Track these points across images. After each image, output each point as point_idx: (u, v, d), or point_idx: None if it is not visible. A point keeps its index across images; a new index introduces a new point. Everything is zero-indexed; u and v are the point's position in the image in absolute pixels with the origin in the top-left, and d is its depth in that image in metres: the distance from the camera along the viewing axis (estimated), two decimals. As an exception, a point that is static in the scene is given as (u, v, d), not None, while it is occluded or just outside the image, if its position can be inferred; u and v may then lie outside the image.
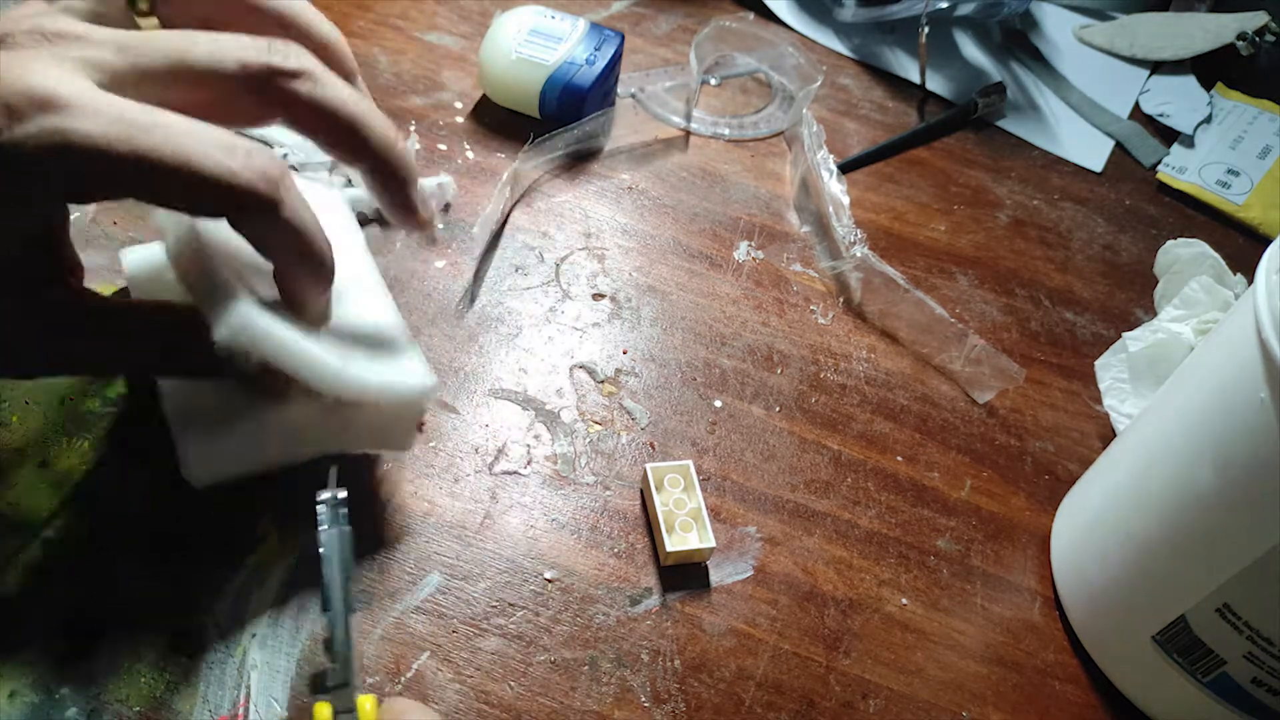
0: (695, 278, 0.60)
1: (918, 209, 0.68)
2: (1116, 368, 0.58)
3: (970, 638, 0.48)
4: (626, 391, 0.53)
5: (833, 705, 0.44)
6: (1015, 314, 0.63)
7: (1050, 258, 0.68)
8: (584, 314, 0.57)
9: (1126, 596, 0.45)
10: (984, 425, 0.57)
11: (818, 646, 0.46)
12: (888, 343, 0.59)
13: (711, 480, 0.51)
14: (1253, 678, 0.41)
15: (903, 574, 0.49)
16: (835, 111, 0.75)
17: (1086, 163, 0.76)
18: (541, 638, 0.43)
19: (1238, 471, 0.38)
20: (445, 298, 0.55)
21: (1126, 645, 0.46)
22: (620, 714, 0.42)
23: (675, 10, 0.79)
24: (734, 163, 0.68)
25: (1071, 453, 0.56)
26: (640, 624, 0.45)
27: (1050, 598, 0.50)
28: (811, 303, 0.60)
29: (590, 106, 0.64)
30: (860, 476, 0.53)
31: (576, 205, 0.62)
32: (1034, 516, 0.53)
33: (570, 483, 0.49)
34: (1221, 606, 0.40)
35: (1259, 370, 0.37)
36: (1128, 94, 0.82)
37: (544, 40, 0.64)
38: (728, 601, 0.46)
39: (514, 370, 0.53)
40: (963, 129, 0.76)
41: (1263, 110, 0.82)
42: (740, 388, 0.55)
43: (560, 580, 0.45)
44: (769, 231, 0.64)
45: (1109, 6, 0.92)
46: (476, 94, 0.67)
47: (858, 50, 0.80)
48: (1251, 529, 0.38)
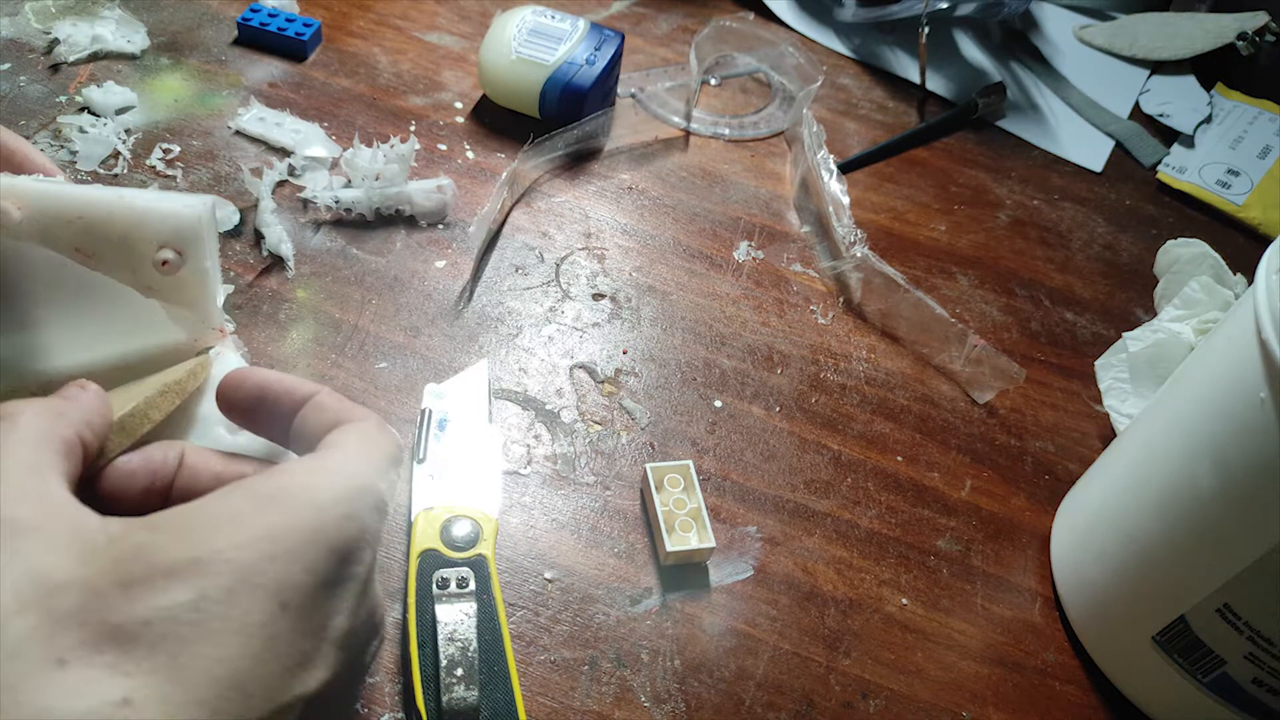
0: (695, 278, 0.60)
1: (918, 209, 0.68)
2: (1116, 368, 0.58)
3: (970, 638, 0.48)
4: (626, 391, 0.53)
5: (833, 705, 0.44)
6: (1015, 314, 0.63)
7: (1050, 258, 0.68)
8: (584, 314, 0.57)
9: (1126, 596, 0.45)
10: (984, 425, 0.57)
11: (818, 646, 0.46)
12: (888, 343, 0.59)
13: (711, 480, 0.51)
14: (1253, 678, 0.41)
15: (903, 574, 0.49)
16: (835, 111, 0.75)
17: (1086, 163, 0.76)
18: (541, 637, 0.43)
19: (1238, 471, 0.38)
20: (445, 298, 0.55)
21: (1126, 645, 0.46)
22: (620, 714, 0.42)
23: (675, 10, 0.79)
24: (734, 163, 0.68)
25: (1071, 453, 0.56)
26: (640, 624, 0.45)
27: (1050, 598, 0.50)
28: (811, 303, 0.60)
29: (590, 106, 0.64)
30: (860, 476, 0.53)
31: (576, 205, 0.62)
32: (1034, 516, 0.53)
33: (570, 483, 0.49)
34: (1221, 606, 0.40)
35: (1259, 370, 0.37)
36: (1128, 94, 0.82)
37: (544, 40, 0.64)
38: (728, 601, 0.46)
39: (514, 370, 0.53)
40: (963, 129, 0.76)
41: (1263, 110, 0.82)
42: (740, 388, 0.55)
43: (560, 580, 0.45)
44: (769, 231, 0.64)
45: (1109, 6, 0.92)
46: (476, 94, 0.67)
47: (858, 50, 0.80)
48: (1251, 529, 0.38)
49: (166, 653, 0.23)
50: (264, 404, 0.32)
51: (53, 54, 0.62)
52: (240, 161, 0.59)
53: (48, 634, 0.23)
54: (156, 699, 0.23)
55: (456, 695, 0.38)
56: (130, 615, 0.23)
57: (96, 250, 0.35)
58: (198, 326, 0.38)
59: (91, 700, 0.22)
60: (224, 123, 0.61)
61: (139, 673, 0.23)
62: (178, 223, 0.36)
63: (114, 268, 0.36)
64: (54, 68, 0.62)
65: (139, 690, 0.22)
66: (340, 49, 0.68)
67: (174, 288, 0.37)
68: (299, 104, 0.63)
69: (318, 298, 0.54)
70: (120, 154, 0.58)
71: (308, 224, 0.57)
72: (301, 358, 0.51)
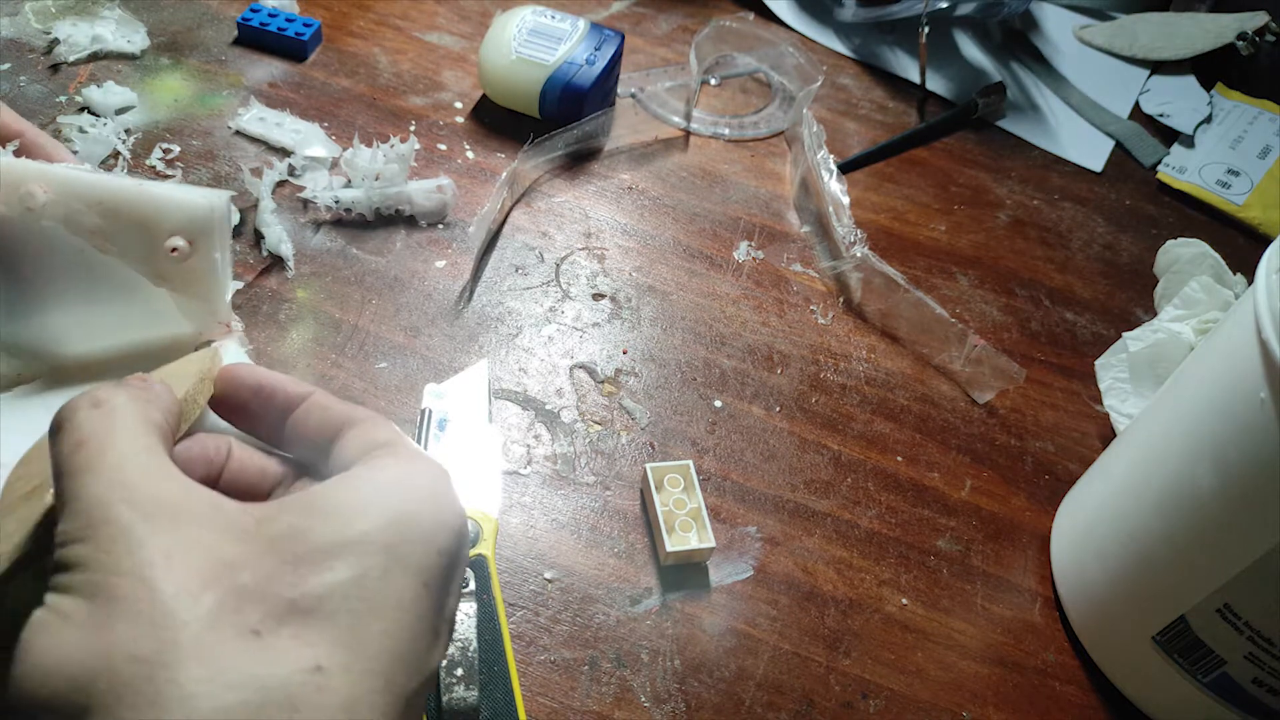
0: (695, 278, 0.60)
1: (918, 209, 0.68)
2: (1116, 368, 0.58)
3: (970, 638, 0.48)
4: (626, 391, 0.53)
5: (833, 705, 0.44)
6: (1015, 314, 0.63)
7: (1050, 258, 0.68)
8: (584, 314, 0.57)
9: (1126, 596, 0.45)
10: (984, 425, 0.57)
11: (818, 646, 0.46)
12: (888, 343, 0.59)
13: (711, 480, 0.51)
14: (1253, 678, 0.41)
15: (903, 574, 0.49)
16: (835, 111, 0.74)
17: (1086, 163, 0.76)
18: (541, 637, 0.43)
19: (1237, 471, 0.38)
20: (445, 297, 0.55)
21: (1126, 645, 0.46)
22: (620, 714, 0.42)
23: (675, 10, 0.79)
24: (734, 163, 0.68)
25: (1071, 453, 0.56)
26: (640, 624, 0.45)
27: (1050, 598, 0.50)
28: (811, 303, 0.60)
29: (590, 106, 0.64)
30: (860, 476, 0.53)
31: (576, 205, 0.62)
32: (1034, 516, 0.53)
33: (570, 483, 0.49)
34: (1222, 607, 0.40)
35: (1259, 370, 0.37)
36: (1128, 94, 0.82)
37: (544, 40, 0.64)
38: (728, 601, 0.46)
39: (514, 370, 0.53)
40: (963, 129, 0.76)
41: (1263, 110, 0.82)
42: (740, 388, 0.55)
43: (560, 580, 0.45)
44: (769, 231, 0.64)
45: (1109, 6, 0.92)
46: (476, 94, 0.67)
47: (858, 50, 0.80)
48: (1251, 529, 0.38)
49: (343, 625, 0.24)
50: (258, 401, 0.33)
51: (53, 54, 0.62)
52: (240, 161, 0.59)
53: (235, 607, 0.23)
54: (342, 668, 0.24)
55: (456, 695, 0.38)
56: (304, 591, 0.24)
57: (113, 235, 0.36)
58: (205, 319, 0.39)
59: (290, 666, 0.23)
60: (224, 123, 0.61)
61: (322, 643, 0.24)
62: (192, 212, 0.37)
63: (128, 253, 0.37)
64: (54, 68, 0.62)
65: (328, 658, 0.24)
66: (340, 49, 0.68)
67: (184, 277, 0.38)
68: (299, 104, 0.63)
69: (318, 298, 0.54)
70: (120, 154, 0.58)
71: (308, 224, 0.57)
72: (301, 358, 0.51)
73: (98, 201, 0.36)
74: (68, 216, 0.36)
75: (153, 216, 0.37)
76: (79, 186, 0.36)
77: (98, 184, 0.36)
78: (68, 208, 0.35)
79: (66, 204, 0.35)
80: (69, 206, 0.35)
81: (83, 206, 0.36)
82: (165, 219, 0.37)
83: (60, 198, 0.35)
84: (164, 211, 0.37)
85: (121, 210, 0.36)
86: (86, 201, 0.36)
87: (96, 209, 0.36)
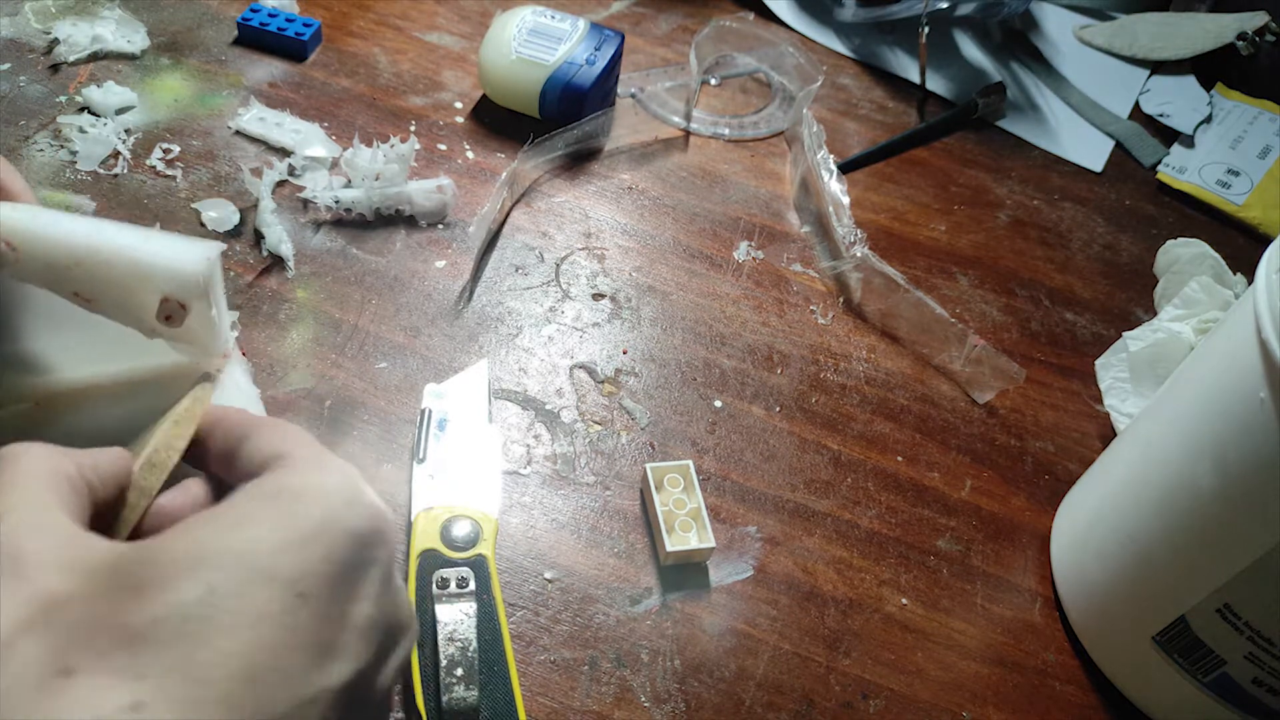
0: (695, 278, 0.60)
1: (918, 209, 0.68)
2: (1116, 367, 0.58)
3: (970, 638, 0.48)
4: (626, 391, 0.53)
5: (833, 705, 0.44)
6: (1015, 314, 0.63)
7: (1050, 258, 0.68)
8: (584, 314, 0.57)
9: (1126, 596, 0.45)
10: (984, 425, 0.57)
11: (818, 646, 0.46)
12: (888, 343, 0.59)
13: (711, 480, 0.51)
14: (1253, 678, 0.41)
15: (903, 574, 0.49)
16: (835, 111, 0.74)
17: (1086, 163, 0.76)
18: (541, 637, 0.43)
19: (1237, 471, 0.38)
20: (445, 298, 0.55)
21: (1126, 645, 0.46)
22: (620, 714, 0.42)
23: (675, 10, 0.79)
24: (734, 163, 0.68)
25: (1071, 453, 0.56)
26: (640, 624, 0.45)
27: (1050, 598, 0.50)
28: (811, 303, 0.60)
29: (590, 106, 0.64)
30: (860, 476, 0.53)
31: (576, 205, 0.62)
32: (1034, 516, 0.53)
33: (570, 483, 0.49)
34: (1222, 607, 0.40)
35: (1259, 370, 0.37)
36: (1128, 94, 0.82)
37: (544, 40, 0.64)
38: (728, 601, 0.46)
39: (514, 370, 0.53)
40: (963, 129, 0.76)
41: (1263, 110, 0.82)
42: (740, 388, 0.55)
43: (560, 580, 0.45)
44: (769, 231, 0.64)
45: (1109, 6, 0.92)
46: (476, 94, 0.67)
47: (858, 50, 0.80)
48: (1251, 529, 0.38)
49: (178, 650, 0.23)
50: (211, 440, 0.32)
51: (53, 54, 0.62)
52: (240, 161, 0.59)
53: (52, 647, 0.22)
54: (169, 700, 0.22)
55: (456, 695, 0.38)
56: (139, 616, 0.23)
57: (96, 296, 0.34)
58: (203, 358, 0.37)
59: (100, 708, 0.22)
60: (224, 123, 0.61)
61: (151, 674, 0.22)
62: (182, 276, 0.34)
63: (115, 314, 0.35)
64: (54, 68, 0.62)
65: (151, 692, 0.22)
66: (340, 49, 0.68)
67: (179, 334, 0.36)
68: (299, 104, 0.63)
69: (318, 298, 0.54)
70: (120, 154, 0.58)
71: (308, 224, 0.57)
72: (301, 358, 0.51)
73: (75, 263, 0.33)
74: (43, 274, 0.33)
75: (138, 281, 0.34)
76: (51, 246, 0.33)
77: (72, 241, 0.33)
78: (44, 264, 0.33)
79: (42, 260, 0.33)
80: (42, 264, 0.33)
81: (59, 267, 0.33)
82: (152, 283, 0.34)
83: (29, 257, 0.33)
84: (151, 276, 0.34)
85: (101, 272, 0.33)
86: (62, 263, 0.33)
87: (74, 270, 0.33)
